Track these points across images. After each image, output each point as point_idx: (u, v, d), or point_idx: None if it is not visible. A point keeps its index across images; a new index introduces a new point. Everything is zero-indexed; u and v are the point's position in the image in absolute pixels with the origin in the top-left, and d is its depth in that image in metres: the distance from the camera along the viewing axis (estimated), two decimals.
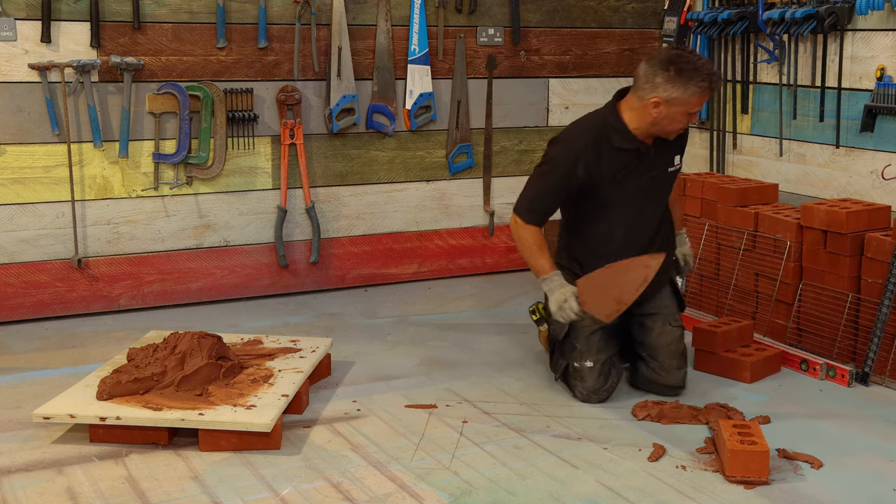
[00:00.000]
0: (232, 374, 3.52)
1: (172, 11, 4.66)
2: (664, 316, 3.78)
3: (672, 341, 3.75)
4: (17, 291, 4.58)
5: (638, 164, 3.65)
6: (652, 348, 3.76)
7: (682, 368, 3.77)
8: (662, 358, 3.74)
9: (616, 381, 3.75)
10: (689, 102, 3.52)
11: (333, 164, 5.12)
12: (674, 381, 3.75)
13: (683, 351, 3.80)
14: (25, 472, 3.09)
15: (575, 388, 3.73)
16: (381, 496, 2.96)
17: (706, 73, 3.50)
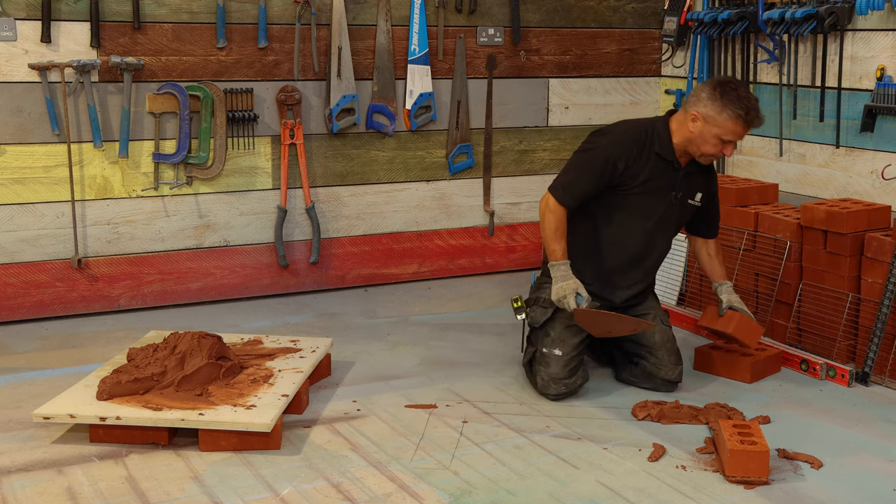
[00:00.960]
0: (232, 374, 3.52)
1: (172, 11, 4.66)
2: (656, 315, 3.90)
3: (668, 339, 3.84)
4: (17, 291, 4.58)
5: (668, 179, 3.75)
6: (650, 346, 3.81)
7: (679, 365, 3.84)
8: (661, 354, 3.81)
9: (581, 383, 3.75)
10: (723, 127, 3.59)
11: (333, 164, 5.12)
12: (673, 376, 3.81)
13: (678, 349, 3.88)
14: (25, 472, 3.09)
15: (537, 375, 3.75)
16: (381, 496, 2.96)
17: (747, 105, 3.58)
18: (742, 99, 3.57)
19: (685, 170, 3.77)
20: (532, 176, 5.60)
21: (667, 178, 3.75)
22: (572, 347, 3.73)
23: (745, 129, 3.62)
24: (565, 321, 3.74)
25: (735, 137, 3.63)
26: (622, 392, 3.82)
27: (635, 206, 3.75)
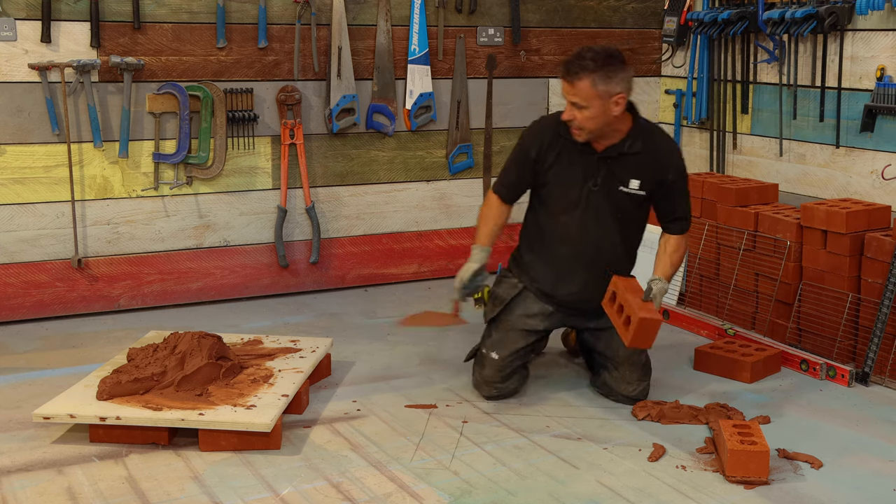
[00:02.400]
0: (232, 374, 3.52)
1: (172, 11, 4.66)
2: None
3: (633, 353, 3.67)
4: (17, 291, 4.58)
5: (582, 166, 3.59)
6: (614, 358, 3.71)
7: (643, 381, 3.70)
8: (625, 369, 3.69)
9: (514, 388, 3.73)
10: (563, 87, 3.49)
11: (333, 164, 5.12)
12: (635, 393, 3.68)
13: (646, 363, 3.73)
14: (25, 472, 3.09)
15: (473, 373, 3.77)
16: (381, 496, 2.96)
17: (566, 59, 3.49)
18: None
19: (602, 154, 3.56)
20: None
21: (581, 165, 3.58)
22: (511, 352, 3.69)
23: (565, 82, 3.44)
24: (508, 324, 3.72)
25: (565, 94, 3.46)
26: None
27: (558, 196, 3.65)
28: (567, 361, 4.16)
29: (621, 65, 3.44)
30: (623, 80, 3.44)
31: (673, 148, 3.69)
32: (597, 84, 3.38)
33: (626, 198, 3.61)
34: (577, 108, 3.44)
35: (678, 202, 3.66)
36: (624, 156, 3.56)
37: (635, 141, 3.55)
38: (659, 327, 3.45)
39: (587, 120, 3.45)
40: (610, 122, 3.48)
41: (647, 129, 3.62)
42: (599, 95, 3.40)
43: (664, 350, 4.34)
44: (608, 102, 3.42)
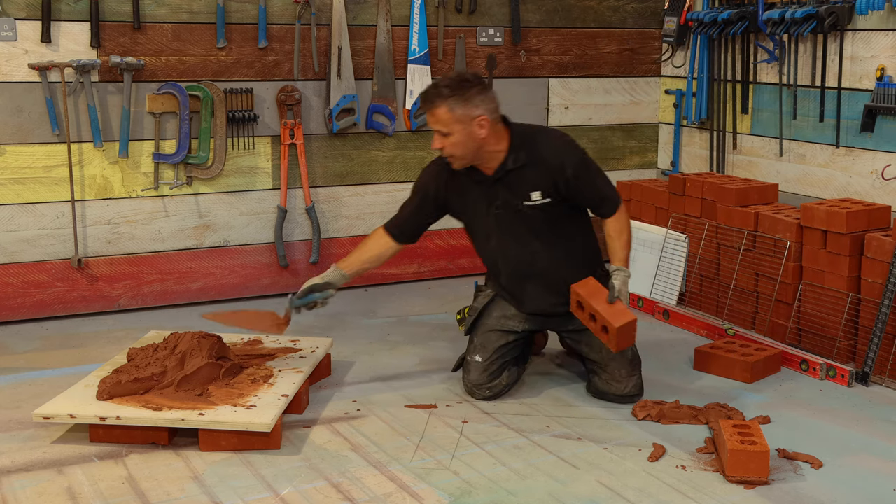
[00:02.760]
0: (232, 374, 3.52)
1: (172, 11, 4.66)
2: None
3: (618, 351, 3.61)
4: (17, 291, 4.58)
5: (481, 192, 3.61)
6: (599, 360, 3.69)
7: (632, 376, 3.67)
8: (612, 369, 3.67)
9: (507, 384, 3.74)
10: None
11: (333, 164, 5.12)
12: (627, 391, 3.67)
13: (633, 358, 3.69)
14: (25, 472, 3.09)
15: (462, 381, 3.78)
16: (381, 496, 2.96)
17: (423, 91, 3.57)
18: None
19: (493, 177, 3.56)
20: None
21: (480, 193, 3.61)
22: (492, 352, 3.71)
23: (426, 113, 3.50)
24: (488, 326, 3.75)
25: (430, 126, 3.50)
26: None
27: (475, 228, 3.72)
28: (566, 362, 4.15)
29: (478, 87, 3.46)
30: (482, 102, 3.45)
31: (558, 145, 3.59)
32: (454, 109, 3.42)
33: (534, 211, 3.59)
34: (441, 135, 3.46)
35: (592, 189, 3.60)
36: (512, 172, 3.55)
37: (518, 154, 3.54)
38: (636, 323, 3.45)
39: (454, 146, 3.47)
40: (482, 145, 3.49)
41: (528, 137, 3.58)
42: (459, 120, 3.42)
43: (664, 350, 4.34)
44: (471, 126, 3.44)
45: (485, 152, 3.52)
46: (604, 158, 5.78)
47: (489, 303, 3.81)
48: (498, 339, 3.74)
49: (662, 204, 5.17)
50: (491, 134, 3.49)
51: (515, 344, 3.78)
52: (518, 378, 3.84)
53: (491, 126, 3.47)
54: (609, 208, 3.62)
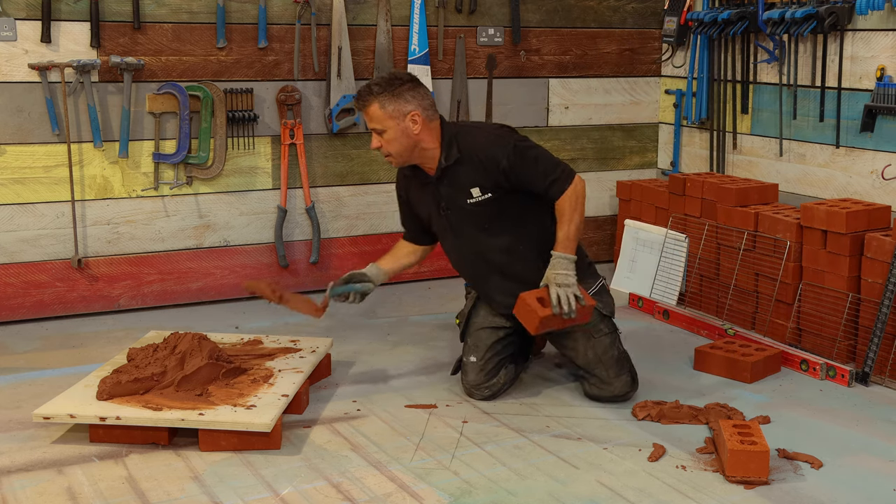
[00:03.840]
0: (232, 374, 3.52)
1: (172, 11, 4.66)
2: (583, 331, 3.65)
3: (603, 352, 3.64)
4: (17, 291, 4.58)
5: (429, 192, 3.63)
6: (585, 365, 3.68)
7: (621, 375, 3.64)
8: (599, 371, 3.65)
9: (505, 381, 3.74)
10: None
11: (333, 164, 5.12)
12: (617, 391, 3.65)
13: (620, 356, 3.67)
14: (25, 472, 3.09)
15: (461, 382, 3.78)
16: (381, 496, 2.96)
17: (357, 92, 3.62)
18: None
19: (436, 177, 3.56)
20: None
21: (429, 195, 3.63)
22: (486, 350, 3.71)
23: (362, 113, 3.53)
24: (478, 325, 3.76)
25: (368, 124, 3.53)
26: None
27: (435, 227, 3.73)
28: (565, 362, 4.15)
29: (408, 84, 3.49)
30: (413, 98, 3.47)
31: (487, 139, 3.54)
32: (385, 105, 3.45)
33: (478, 207, 3.56)
34: (378, 133, 3.50)
35: (534, 175, 3.51)
36: (448, 169, 3.54)
37: (450, 151, 3.53)
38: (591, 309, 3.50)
39: (389, 143, 3.49)
40: (417, 142, 3.50)
41: (460, 134, 3.56)
42: (392, 116, 3.45)
43: (664, 350, 4.34)
44: (403, 121, 3.46)
45: (421, 150, 3.54)
46: (604, 158, 5.78)
47: (476, 302, 3.84)
48: (489, 336, 3.74)
49: (662, 204, 5.17)
50: (425, 130, 3.50)
51: (508, 340, 3.77)
52: (516, 376, 3.85)
53: (424, 122, 3.49)
54: (557, 189, 3.50)
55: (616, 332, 3.73)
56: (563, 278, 3.43)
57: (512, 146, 3.49)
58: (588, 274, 3.71)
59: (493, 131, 3.60)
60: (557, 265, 3.46)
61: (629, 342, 4.44)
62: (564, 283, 3.43)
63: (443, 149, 3.53)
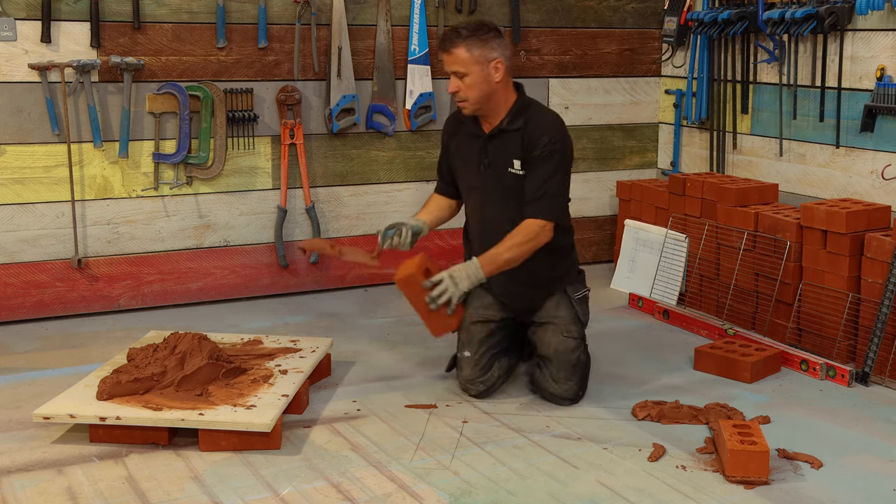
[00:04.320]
0: (232, 374, 3.52)
1: (172, 11, 4.66)
2: (556, 326, 3.68)
3: (564, 351, 3.65)
4: (17, 291, 4.58)
5: (474, 147, 3.67)
6: (545, 355, 3.70)
7: (571, 380, 3.65)
8: (553, 367, 3.66)
9: (499, 375, 3.76)
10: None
11: (333, 164, 5.12)
12: (562, 392, 3.66)
13: (577, 363, 3.67)
14: (25, 472, 3.09)
15: (457, 378, 3.80)
16: (381, 496, 2.96)
17: (440, 36, 3.62)
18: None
19: (489, 135, 3.61)
20: None
21: (475, 148, 3.66)
22: (479, 344, 3.74)
23: (444, 54, 3.55)
24: (469, 320, 3.78)
25: (447, 67, 3.55)
26: (622, 392, 3.82)
27: (464, 182, 3.76)
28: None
29: (495, 32, 3.56)
30: (499, 45, 3.54)
31: (547, 124, 3.58)
32: (472, 49, 3.49)
33: (513, 179, 3.61)
34: (458, 77, 3.52)
35: (539, 180, 3.54)
36: (505, 133, 3.59)
37: (516, 118, 3.58)
38: (415, 275, 3.44)
39: (469, 88, 3.52)
40: (494, 90, 3.54)
41: (529, 106, 3.62)
42: (477, 60, 3.49)
43: (664, 350, 4.34)
44: (487, 67, 3.51)
45: (494, 102, 3.57)
46: (604, 158, 5.78)
47: (468, 296, 3.81)
48: (480, 329, 3.76)
49: (662, 204, 5.17)
50: (504, 82, 3.55)
51: (500, 333, 3.79)
52: (511, 370, 3.86)
53: (505, 72, 3.54)
54: (533, 209, 3.54)
55: (584, 341, 3.73)
56: (459, 278, 3.47)
57: (555, 145, 3.54)
58: (579, 280, 3.80)
59: (556, 121, 3.63)
60: (466, 268, 3.49)
61: (629, 342, 4.45)
62: (456, 281, 3.47)
63: (510, 113, 3.58)
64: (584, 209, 5.79)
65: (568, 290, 3.74)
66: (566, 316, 3.70)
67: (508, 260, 3.52)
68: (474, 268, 3.49)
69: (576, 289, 3.76)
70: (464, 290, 3.47)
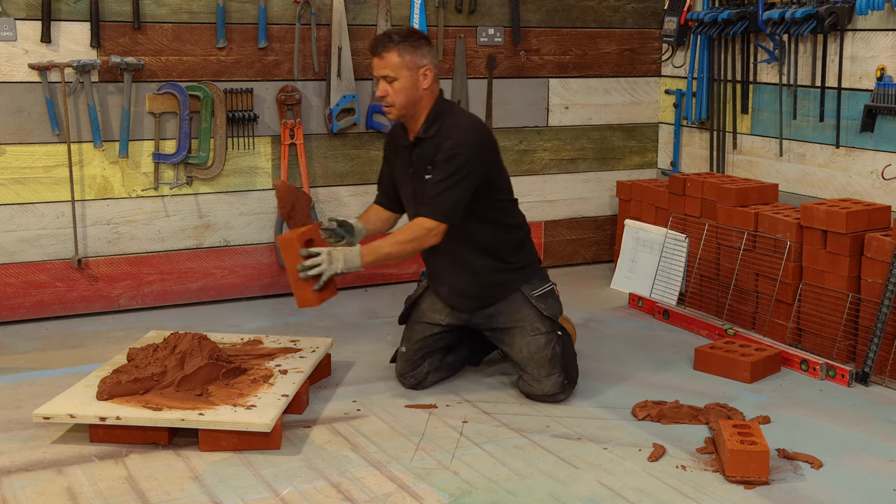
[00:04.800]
0: (232, 374, 3.52)
1: (172, 11, 4.66)
2: (521, 328, 3.69)
3: (536, 350, 3.65)
4: (17, 291, 4.58)
5: (403, 156, 3.70)
6: (519, 361, 3.70)
7: (552, 375, 3.64)
8: (531, 369, 3.66)
9: (428, 370, 3.83)
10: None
11: (333, 164, 5.12)
12: (546, 390, 3.65)
13: (553, 357, 3.65)
14: (25, 472, 3.09)
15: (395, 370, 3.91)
16: (381, 496, 2.96)
17: (372, 40, 3.65)
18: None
19: (412, 143, 3.63)
20: (532, 176, 5.60)
21: (403, 156, 3.69)
22: (415, 342, 3.83)
23: (375, 58, 3.55)
24: (416, 318, 3.86)
25: (376, 72, 3.57)
26: (622, 392, 3.82)
27: (402, 192, 3.77)
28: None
29: (425, 41, 3.60)
30: (428, 53, 3.59)
31: (455, 130, 3.55)
32: (403, 54, 3.53)
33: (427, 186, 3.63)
34: (387, 81, 3.54)
35: (432, 183, 3.54)
36: (423, 141, 3.61)
37: (430, 125, 3.60)
38: (292, 245, 3.45)
39: (398, 93, 3.54)
40: (420, 98, 3.57)
41: (444, 113, 3.61)
42: (407, 66, 3.53)
43: (664, 350, 4.34)
44: (416, 74, 3.54)
45: (418, 109, 3.60)
46: (604, 158, 5.78)
47: (421, 294, 3.90)
48: (422, 330, 3.84)
49: (662, 204, 5.17)
50: (430, 89, 3.59)
51: (441, 336, 3.84)
52: (451, 366, 3.92)
53: (432, 82, 3.58)
54: (426, 211, 3.54)
55: (555, 333, 3.70)
56: (335, 259, 3.48)
57: (455, 151, 3.52)
58: (538, 277, 3.79)
59: (466, 131, 3.58)
60: (347, 252, 3.50)
61: (629, 342, 4.45)
62: (332, 260, 3.47)
63: (426, 120, 3.60)
64: (584, 209, 5.79)
65: (524, 289, 3.73)
66: (528, 315, 3.70)
67: (389, 254, 3.56)
68: (354, 254, 3.51)
69: (533, 286, 3.74)
70: (336, 270, 3.49)
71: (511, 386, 3.86)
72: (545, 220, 5.69)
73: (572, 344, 3.79)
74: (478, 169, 3.54)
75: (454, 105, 3.72)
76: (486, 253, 3.69)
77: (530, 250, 3.83)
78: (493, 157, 3.65)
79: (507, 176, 3.76)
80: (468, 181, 3.52)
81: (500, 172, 3.70)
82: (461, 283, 3.73)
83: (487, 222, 3.67)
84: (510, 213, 3.76)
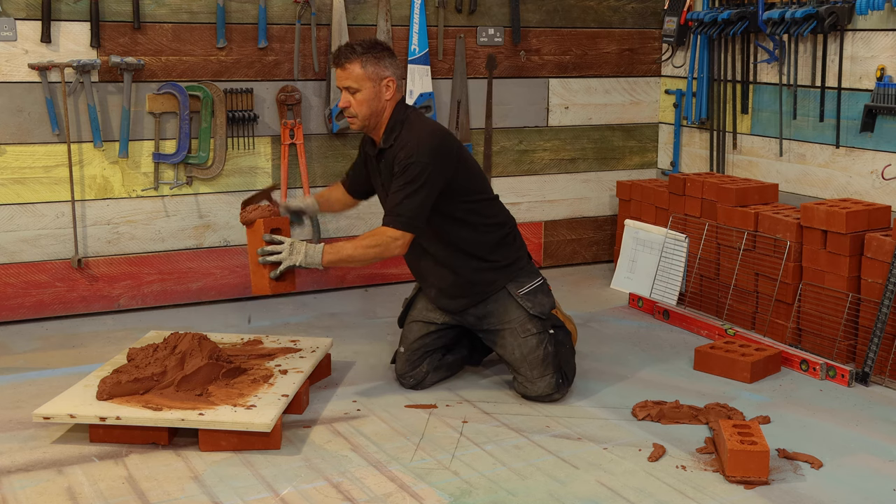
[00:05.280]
0: (232, 374, 3.52)
1: (172, 11, 4.66)
2: (511, 329, 3.69)
3: (528, 351, 3.65)
4: (17, 291, 4.58)
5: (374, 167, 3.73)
6: (512, 362, 3.71)
7: (545, 376, 3.65)
8: (524, 370, 3.67)
9: (427, 370, 3.83)
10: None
11: (333, 164, 5.12)
12: (540, 391, 3.66)
13: (546, 357, 3.66)
14: (25, 472, 3.09)
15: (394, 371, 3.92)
16: (381, 496, 2.96)
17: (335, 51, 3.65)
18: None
19: (377, 154, 3.66)
20: (532, 176, 5.61)
21: (373, 164, 3.73)
22: (413, 342, 3.84)
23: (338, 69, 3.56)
24: (413, 317, 3.88)
25: (339, 83, 3.58)
26: (622, 392, 3.82)
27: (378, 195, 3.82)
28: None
29: (388, 52, 3.61)
30: (391, 64, 3.61)
31: (410, 140, 3.54)
32: (366, 66, 3.54)
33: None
34: (350, 93, 3.55)
35: (395, 193, 3.51)
36: (385, 151, 3.62)
37: (389, 136, 3.60)
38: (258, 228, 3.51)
39: (361, 104, 3.55)
40: (382, 110, 3.58)
41: (403, 122, 3.60)
42: (370, 77, 3.54)
43: (664, 350, 4.34)
44: (379, 85, 3.56)
45: (380, 120, 3.61)
46: (604, 158, 5.78)
47: (417, 294, 3.93)
48: (419, 329, 3.84)
49: (662, 204, 5.17)
50: (393, 100, 3.60)
51: (438, 335, 3.85)
52: (450, 366, 3.92)
53: (394, 93, 3.59)
54: (388, 221, 3.51)
55: (546, 332, 3.69)
56: (297, 251, 3.46)
57: (408, 160, 3.50)
58: (524, 274, 3.77)
59: (421, 140, 3.55)
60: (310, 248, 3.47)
61: (629, 342, 4.45)
62: (292, 251, 3.46)
63: (387, 129, 3.61)
64: (584, 209, 5.79)
65: (510, 288, 3.72)
66: (517, 317, 3.70)
67: (351, 256, 3.52)
68: (316, 251, 3.48)
69: (519, 284, 3.73)
70: (295, 263, 3.47)
71: (511, 386, 3.86)
72: (545, 220, 5.69)
73: (570, 341, 3.78)
74: (436, 176, 3.51)
75: (414, 112, 3.66)
76: (467, 253, 3.69)
77: (515, 247, 3.78)
78: (453, 162, 3.57)
79: (480, 176, 3.73)
80: (427, 189, 3.49)
81: (468, 174, 3.65)
82: (446, 284, 3.74)
83: (464, 224, 3.67)
84: (487, 212, 3.72)
